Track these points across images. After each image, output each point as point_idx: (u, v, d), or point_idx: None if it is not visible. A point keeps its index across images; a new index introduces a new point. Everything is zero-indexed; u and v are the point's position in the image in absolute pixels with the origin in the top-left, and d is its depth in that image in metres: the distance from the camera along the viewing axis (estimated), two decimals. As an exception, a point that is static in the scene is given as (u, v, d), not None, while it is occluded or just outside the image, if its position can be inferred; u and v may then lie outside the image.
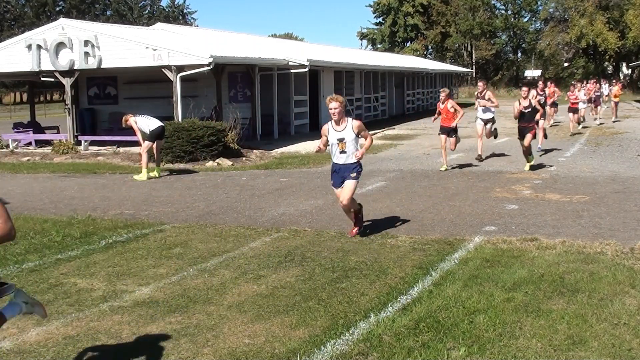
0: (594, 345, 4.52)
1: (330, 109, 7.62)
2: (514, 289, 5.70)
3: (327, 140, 7.83)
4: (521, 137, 13.36)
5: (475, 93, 16.25)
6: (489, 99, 15.06)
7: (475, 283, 5.90)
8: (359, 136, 7.74)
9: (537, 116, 13.48)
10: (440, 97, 13.73)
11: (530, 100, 13.45)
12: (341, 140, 7.67)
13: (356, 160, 7.74)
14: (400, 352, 4.48)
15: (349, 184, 7.71)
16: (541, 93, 19.96)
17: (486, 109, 15.16)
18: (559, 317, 5.02)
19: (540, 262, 6.54)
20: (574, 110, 21.99)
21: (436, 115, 13.95)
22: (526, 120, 13.25)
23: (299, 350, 4.57)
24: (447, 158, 13.92)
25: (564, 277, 6.01)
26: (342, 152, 7.72)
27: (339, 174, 7.84)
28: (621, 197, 10.09)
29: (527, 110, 13.25)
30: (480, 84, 15.76)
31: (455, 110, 13.43)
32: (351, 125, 7.69)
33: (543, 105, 21.61)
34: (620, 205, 9.45)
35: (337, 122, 7.70)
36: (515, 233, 7.84)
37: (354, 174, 7.74)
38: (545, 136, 16.40)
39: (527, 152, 13.44)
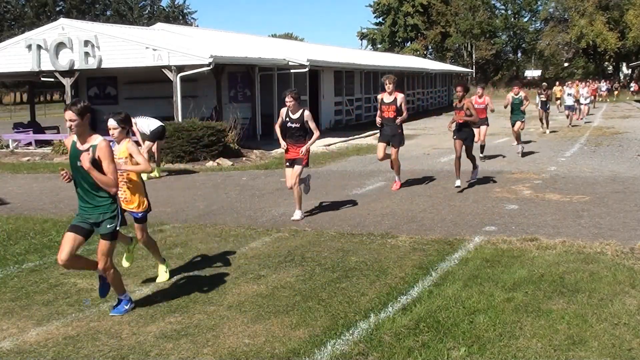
0: (594, 345, 4.52)
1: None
2: (514, 289, 5.70)
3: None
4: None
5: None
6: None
7: (475, 283, 5.90)
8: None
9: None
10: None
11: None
12: None
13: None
14: (400, 352, 4.49)
15: None
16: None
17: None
18: (559, 317, 5.02)
19: (540, 262, 6.54)
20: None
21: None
22: None
23: (299, 350, 4.57)
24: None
25: (564, 277, 6.01)
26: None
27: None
28: (621, 197, 10.09)
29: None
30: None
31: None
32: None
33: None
34: (620, 205, 9.45)
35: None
36: (515, 233, 7.84)
37: None
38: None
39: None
